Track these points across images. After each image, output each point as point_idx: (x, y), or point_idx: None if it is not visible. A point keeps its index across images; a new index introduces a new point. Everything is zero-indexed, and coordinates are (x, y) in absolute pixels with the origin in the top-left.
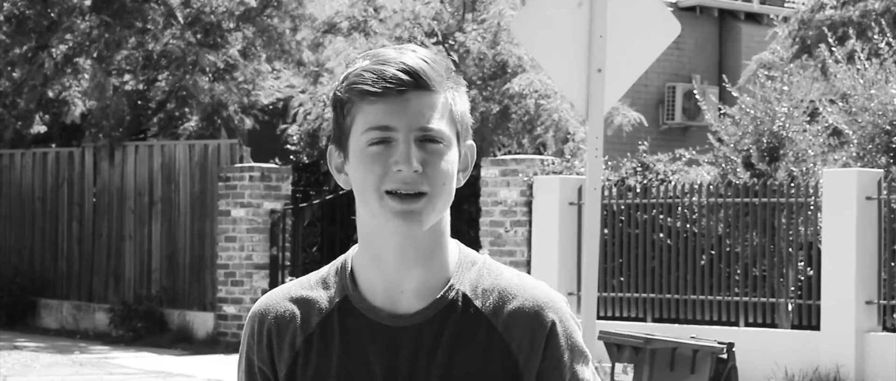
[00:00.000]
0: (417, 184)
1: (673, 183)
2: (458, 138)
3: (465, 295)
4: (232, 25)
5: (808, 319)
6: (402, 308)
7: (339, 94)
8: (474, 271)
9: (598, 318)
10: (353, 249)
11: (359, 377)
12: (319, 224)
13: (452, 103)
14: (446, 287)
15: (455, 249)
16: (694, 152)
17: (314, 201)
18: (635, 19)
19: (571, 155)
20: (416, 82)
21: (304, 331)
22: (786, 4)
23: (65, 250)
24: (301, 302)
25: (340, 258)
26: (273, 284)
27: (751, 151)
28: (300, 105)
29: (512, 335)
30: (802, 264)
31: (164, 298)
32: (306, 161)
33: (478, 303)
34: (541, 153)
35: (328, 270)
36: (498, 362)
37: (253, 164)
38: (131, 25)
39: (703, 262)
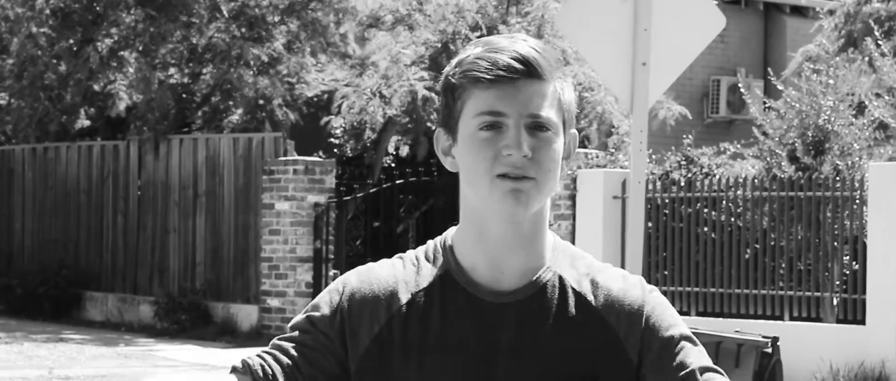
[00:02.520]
0: (527, 169)
1: (717, 177)
2: (564, 127)
3: (561, 277)
4: (276, 19)
5: (852, 313)
6: (503, 286)
7: (452, 79)
8: (568, 257)
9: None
10: (452, 230)
11: (456, 349)
12: (363, 218)
13: (561, 92)
14: (544, 269)
15: (551, 237)
16: (739, 146)
17: (358, 195)
18: (680, 13)
19: (615, 148)
20: (528, 70)
21: (402, 299)
22: None
23: (110, 243)
24: (402, 274)
25: (439, 238)
26: (317, 277)
27: (796, 144)
28: (344, 98)
29: (609, 312)
30: (847, 258)
31: (208, 291)
32: (350, 154)
33: (574, 284)
34: (585, 147)
35: (427, 247)
36: (599, 337)
37: (297, 157)
38: (176, 19)
39: (747, 256)
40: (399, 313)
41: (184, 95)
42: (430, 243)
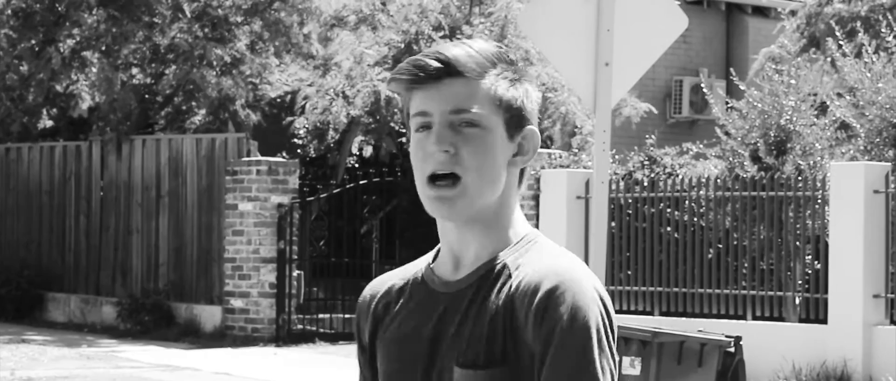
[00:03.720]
0: (450, 165)
1: (680, 177)
2: (508, 125)
3: (505, 266)
4: (239, 19)
5: (815, 312)
6: (456, 277)
7: (390, 86)
8: (526, 249)
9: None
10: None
11: (411, 339)
12: (327, 218)
13: (496, 88)
14: (492, 259)
15: (520, 230)
16: (701, 146)
17: (321, 195)
18: (643, 13)
19: (579, 148)
20: (448, 69)
21: (386, 298)
22: None
23: (72, 243)
24: (395, 278)
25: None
26: (280, 278)
27: (758, 144)
28: (307, 98)
29: (519, 298)
30: (810, 257)
31: (171, 291)
32: (313, 155)
33: (513, 273)
34: (548, 147)
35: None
36: (507, 323)
37: (260, 157)
38: (139, 19)
39: (710, 255)
40: (382, 314)
41: (146, 96)
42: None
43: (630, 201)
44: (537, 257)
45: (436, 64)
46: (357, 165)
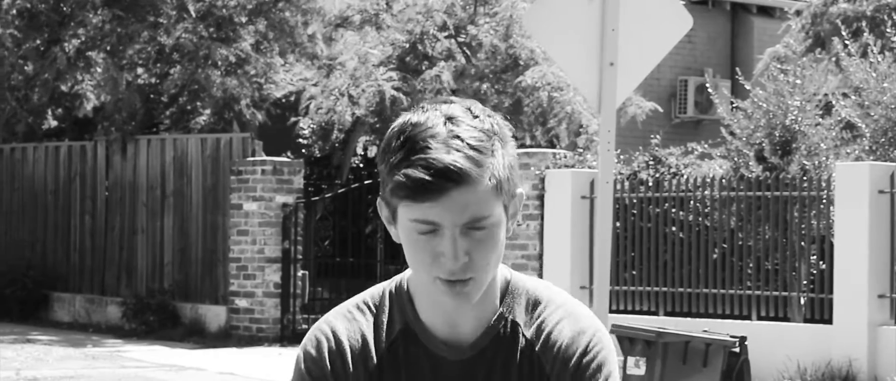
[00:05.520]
0: (464, 271)
1: (685, 177)
2: (505, 201)
3: (513, 322)
4: (244, 19)
5: (820, 312)
6: (460, 339)
7: (386, 175)
8: (524, 298)
9: (610, 312)
10: (406, 275)
11: None
12: (332, 218)
13: (497, 173)
14: (496, 316)
15: (504, 278)
16: (706, 146)
17: (326, 195)
18: (647, 13)
19: (584, 148)
20: (458, 181)
21: (376, 355)
22: None
23: (77, 243)
24: (366, 326)
25: (390, 283)
26: (285, 278)
27: (763, 144)
28: (311, 98)
29: (547, 357)
30: (815, 257)
31: (176, 291)
32: (318, 155)
33: (525, 331)
34: (553, 146)
35: (381, 293)
36: None
37: (265, 157)
38: (143, 19)
39: (715, 255)
40: (376, 372)
41: (151, 96)
42: (380, 288)
43: (635, 200)
44: (551, 308)
45: (446, 182)
46: (361, 165)
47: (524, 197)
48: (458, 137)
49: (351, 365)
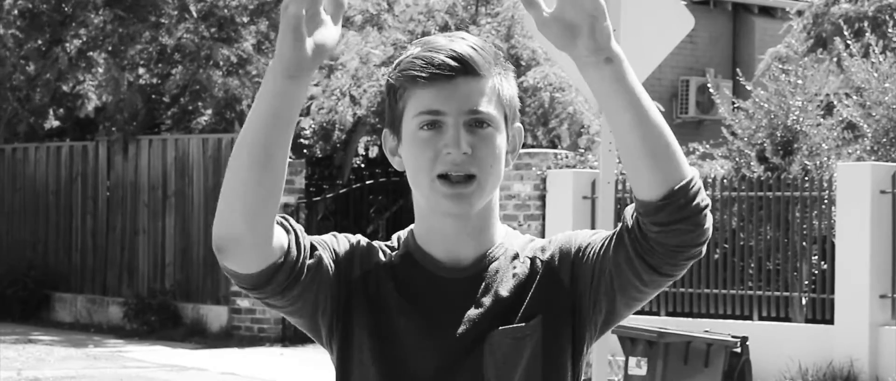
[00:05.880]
0: (467, 166)
1: None
2: (506, 121)
3: (508, 249)
4: (245, 19)
5: (821, 313)
6: (459, 266)
7: (391, 80)
8: (521, 240)
9: None
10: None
11: (418, 318)
12: (333, 218)
13: (500, 88)
14: (495, 247)
15: (503, 227)
16: (707, 146)
17: (328, 195)
18: (649, 13)
19: (586, 148)
20: (464, 68)
21: (367, 265)
22: None
23: (79, 243)
24: (378, 248)
25: (403, 230)
26: None
27: (765, 144)
28: (313, 98)
29: (549, 257)
30: (816, 257)
31: (177, 292)
32: (320, 155)
33: (522, 252)
34: (555, 146)
35: (394, 236)
36: (539, 280)
37: None
38: (145, 19)
39: (716, 256)
40: (361, 281)
41: (153, 96)
42: (395, 234)
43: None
44: (546, 240)
45: (454, 62)
46: (363, 166)
47: (523, 133)
48: (463, 38)
49: (357, 261)
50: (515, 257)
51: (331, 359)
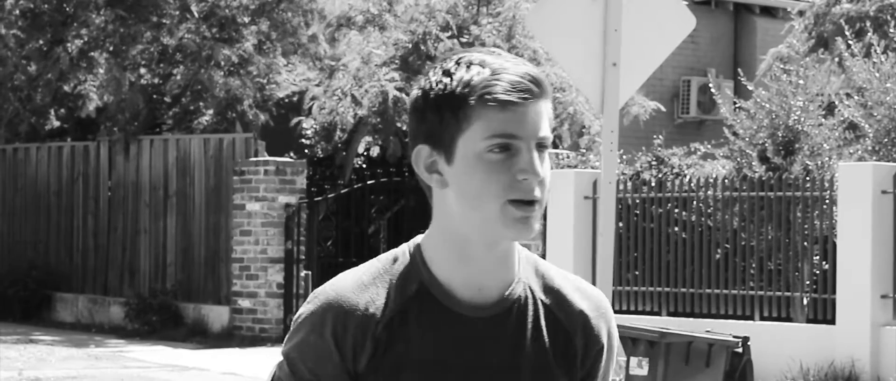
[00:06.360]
0: (539, 190)
1: (688, 177)
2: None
3: (530, 288)
4: (246, 19)
5: (823, 313)
6: (480, 301)
7: (457, 96)
8: (531, 266)
9: (613, 312)
10: (420, 239)
11: (435, 365)
12: (334, 218)
13: (550, 109)
14: (515, 282)
15: (516, 246)
16: (709, 146)
17: (329, 195)
18: (650, 13)
19: (587, 148)
20: (540, 92)
21: (383, 319)
22: None
23: (80, 243)
24: (374, 291)
25: (406, 245)
26: (288, 278)
27: (766, 144)
28: (314, 99)
29: (574, 328)
30: (817, 258)
31: (179, 292)
32: (321, 155)
33: (541, 296)
34: (556, 147)
35: (395, 257)
36: (561, 349)
37: (268, 158)
38: (146, 19)
39: (718, 256)
40: (384, 337)
41: (154, 96)
42: (398, 251)
43: (638, 201)
44: (559, 279)
45: (534, 87)
46: (364, 166)
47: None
48: (522, 58)
49: (357, 337)
50: (535, 298)
51: None
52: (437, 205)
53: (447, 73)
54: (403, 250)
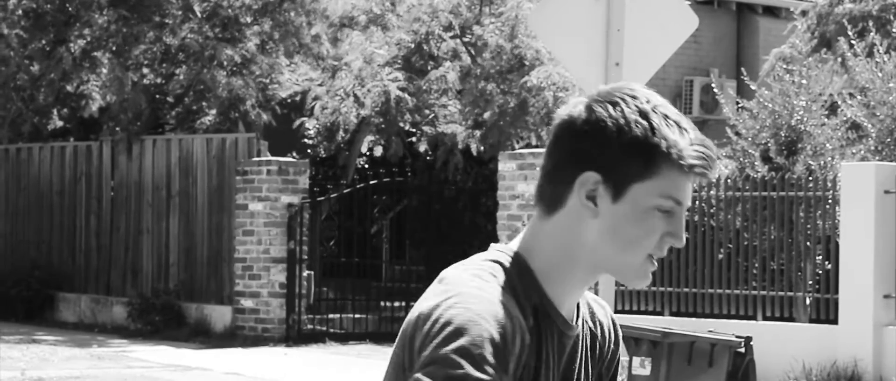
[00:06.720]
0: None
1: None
2: None
3: (578, 305)
4: (249, 19)
5: (825, 313)
6: (570, 320)
7: (655, 145)
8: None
9: (616, 311)
10: (512, 251)
11: None
12: (337, 218)
13: None
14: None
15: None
16: None
17: (331, 195)
18: (653, 13)
19: None
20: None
21: (524, 338)
22: None
23: (83, 243)
24: (513, 310)
25: (504, 257)
26: (290, 278)
27: (769, 144)
28: (317, 98)
29: (604, 339)
30: (820, 257)
31: (181, 291)
32: (324, 155)
33: (585, 313)
34: None
35: (506, 274)
36: (596, 360)
37: (270, 158)
38: (149, 19)
39: (720, 256)
40: (523, 354)
41: (157, 96)
42: (492, 266)
43: None
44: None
45: (714, 162)
46: (367, 165)
47: None
48: (694, 126)
49: (513, 350)
50: (585, 318)
51: None
52: (569, 227)
53: (645, 116)
54: (506, 263)
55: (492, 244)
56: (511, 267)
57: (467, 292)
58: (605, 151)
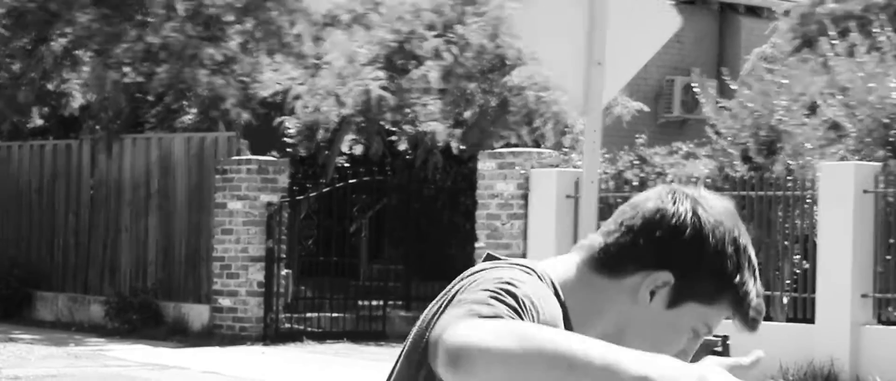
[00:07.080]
0: None
1: (670, 176)
2: None
3: None
4: (232, 18)
5: (802, 312)
6: None
7: (732, 288)
8: None
9: None
10: (556, 278)
11: None
12: (316, 217)
13: None
14: None
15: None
16: (692, 146)
17: (311, 194)
18: (635, 12)
19: (570, 147)
20: None
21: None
22: None
23: (61, 242)
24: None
25: (539, 272)
26: (269, 277)
27: (749, 144)
28: (298, 97)
29: None
30: (798, 257)
31: (159, 290)
32: (304, 154)
33: None
34: (539, 146)
35: (543, 282)
36: None
37: (250, 156)
38: (131, 18)
39: None
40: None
41: (137, 95)
42: (544, 286)
43: (620, 200)
44: None
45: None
46: (347, 164)
47: None
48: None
49: None
50: None
51: None
52: (615, 298)
53: (738, 252)
54: (542, 276)
55: (508, 257)
56: (550, 285)
57: (519, 275)
58: (692, 266)
